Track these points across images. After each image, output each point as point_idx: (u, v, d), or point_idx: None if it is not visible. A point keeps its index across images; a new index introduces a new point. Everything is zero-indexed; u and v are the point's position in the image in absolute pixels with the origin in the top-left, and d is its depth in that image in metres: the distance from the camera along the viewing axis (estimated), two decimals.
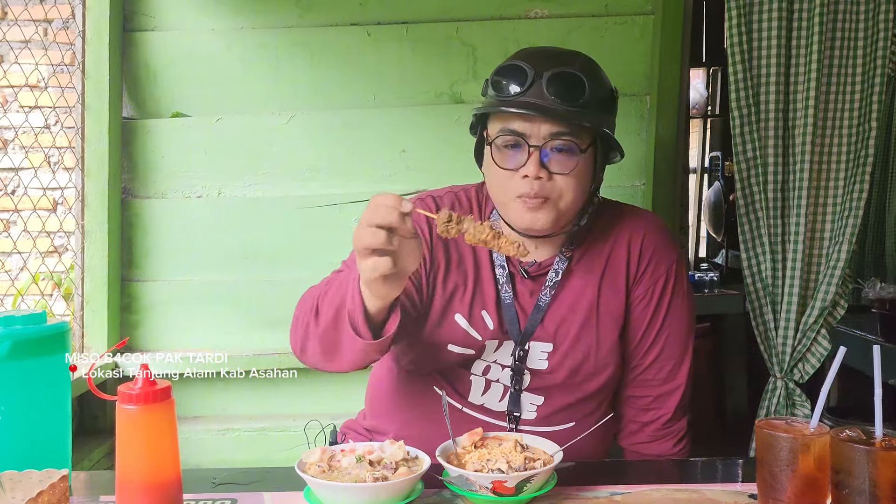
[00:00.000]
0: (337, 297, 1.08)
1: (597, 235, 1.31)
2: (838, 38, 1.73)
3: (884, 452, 0.88)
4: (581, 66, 1.20)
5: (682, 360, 1.32)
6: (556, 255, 1.29)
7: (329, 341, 1.11)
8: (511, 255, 1.02)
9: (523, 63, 1.19)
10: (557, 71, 1.17)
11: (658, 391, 1.32)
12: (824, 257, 1.78)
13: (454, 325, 1.27)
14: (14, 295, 2.30)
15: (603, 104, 1.22)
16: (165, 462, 0.95)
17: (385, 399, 1.38)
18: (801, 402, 1.81)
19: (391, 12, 1.99)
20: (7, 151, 2.75)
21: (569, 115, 1.16)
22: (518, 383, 1.28)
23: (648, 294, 1.30)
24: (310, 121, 2.00)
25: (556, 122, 1.16)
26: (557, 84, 1.16)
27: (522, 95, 1.17)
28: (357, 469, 1.01)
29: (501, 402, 1.29)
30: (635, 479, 1.15)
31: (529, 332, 1.27)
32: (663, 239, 1.32)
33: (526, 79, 1.17)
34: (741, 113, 1.75)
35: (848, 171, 1.75)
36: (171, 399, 0.97)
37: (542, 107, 1.16)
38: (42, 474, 0.97)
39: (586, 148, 1.19)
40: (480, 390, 1.29)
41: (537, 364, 1.27)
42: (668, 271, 1.30)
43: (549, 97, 1.16)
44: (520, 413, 1.28)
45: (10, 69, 1.98)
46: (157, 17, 1.99)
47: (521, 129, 1.18)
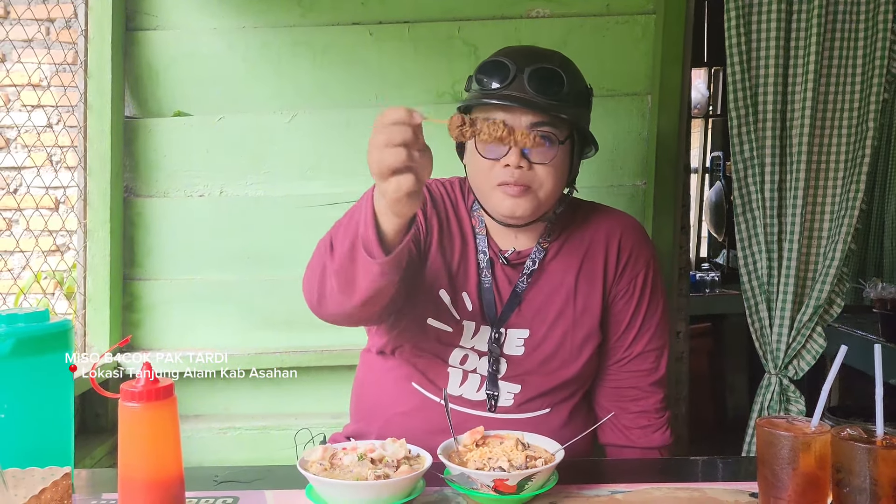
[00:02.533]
0: (350, 228, 1.09)
1: (574, 230, 1.38)
2: (837, 39, 1.75)
3: (885, 451, 0.89)
4: (559, 63, 1.29)
5: (663, 351, 1.40)
6: (533, 246, 1.36)
7: (346, 273, 1.10)
8: (528, 146, 1.07)
9: (505, 59, 1.26)
10: (537, 66, 1.25)
11: (645, 381, 1.39)
12: (820, 256, 1.80)
13: (438, 300, 1.33)
14: (16, 293, 2.30)
15: (579, 99, 1.30)
16: (168, 460, 0.96)
17: (366, 400, 1.43)
18: (796, 399, 1.84)
19: (393, 11, 1.99)
20: (10, 150, 2.76)
21: (548, 107, 1.24)
22: (495, 369, 1.32)
23: (630, 288, 1.37)
24: (312, 120, 2.00)
25: (536, 113, 1.23)
26: (537, 78, 1.24)
27: (505, 89, 1.24)
28: (359, 467, 1.02)
29: (479, 392, 1.33)
30: (636, 478, 1.16)
31: (505, 317, 1.33)
32: (640, 236, 1.41)
33: (508, 74, 1.24)
34: (739, 113, 1.77)
35: (845, 172, 1.77)
36: (173, 397, 0.97)
37: (523, 99, 1.23)
38: (44, 472, 0.98)
39: (564, 139, 1.27)
40: (458, 381, 1.33)
41: (514, 350, 1.33)
42: (647, 266, 1.39)
43: (529, 91, 1.23)
44: (498, 396, 1.32)
45: (12, 68, 1.99)
46: (159, 17, 1.99)
47: (503, 120, 1.21)
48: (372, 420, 1.39)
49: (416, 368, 1.35)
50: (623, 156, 2.00)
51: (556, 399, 1.35)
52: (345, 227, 1.11)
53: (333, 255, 1.12)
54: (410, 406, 1.34)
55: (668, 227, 1.99)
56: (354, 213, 1.11)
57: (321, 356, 1.97)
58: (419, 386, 1.34)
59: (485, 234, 1.36)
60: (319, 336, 2.00)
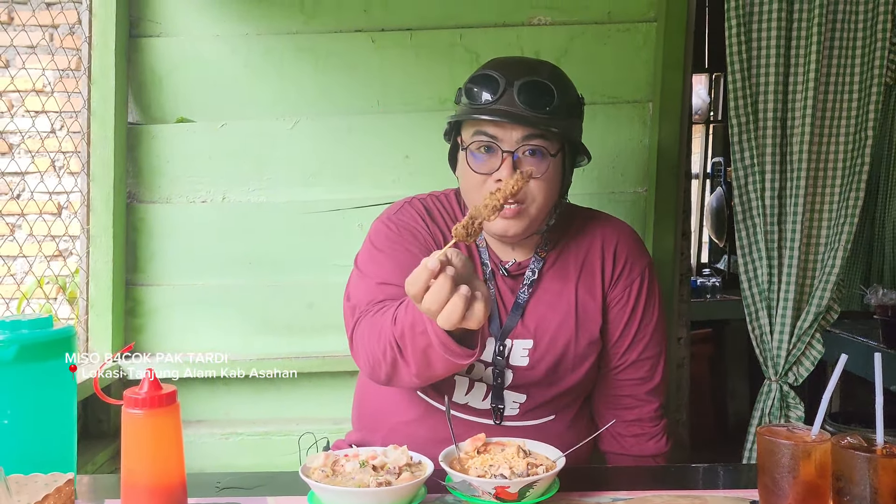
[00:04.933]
0: (416, 337, 1.04)
1: (571, 239, 1.38)
2: (836, 48, 1.75)
3: (885, 460, 0.89)
4: (549, 75, 1.27)
5: (660, 360, 1.39)
6: (531, 256, 1.35)
7: (426, 374, 1.10)
8: (519, 186, 1.03)
9: (495, 73, 1.25)
10: (527, 80, 1.23)
11: (641, 389, 1.38)
12: (819, 263, 1.80)
13: None
14: (19, 298, 2.30)
15: (570, 110, 1.29)
16: (170, 466, 0.96)
17: (371, 409, 1.42)
18: (796, 405, 1.84)
19: (395, 19, 2.00)
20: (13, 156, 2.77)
21: (538, 121, 1.22)
22: (500, 380, 1.32)
23: (625, 295, 1.36)
24: (314, 126, 2.01)
25: (526, 127, 1.22)
26: (527, 92, 1.22)
27: (495, 103, 1.23)
28: (360, 474, 1.02)
29: (485, 401, 1.32)
30: (637, 485, 1.16)
31: (509, 328, 1.32)
32: (635, 244, 1.41)
33: (498, 87, 1.23)
34: (740, 121, 1.78)
35: (844, 179, 1.77)
36: (176, 403, 0.97)
37: (513, 114, 1.21)
38: (47, 478, 0.98)
39: (556, 152, 1.26)
40: (464, 390, 1.33)
41: (519, 361, 1.32)
42: (643, 274, 1.38)
43: (519, 105, 1.22)
44: (503, 409, 1.32)
45: (16, 74, 1.99)
46: (162, 23, 2.00)
47: (493, 135, 1.23)
48: (375, 429, 1.38)
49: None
50: (624, 162, 2.00)
51: (560, 406, 1.36)
52: (409, 335, 1.05)
53: (407, 361, 1.08)
54: (415, 415, 1.34)
55: (669, 233, 2.00)
56: (416, 319, 1.03)
57: (323, 361, 1.98)
58: (424, 395, 1.34)
59: (485, 246, 1.36)
60: (321, 341, 2.00)
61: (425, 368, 1.08)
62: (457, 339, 1.00)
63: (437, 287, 0.91)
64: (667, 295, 1.96)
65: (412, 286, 0.93)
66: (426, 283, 0.92)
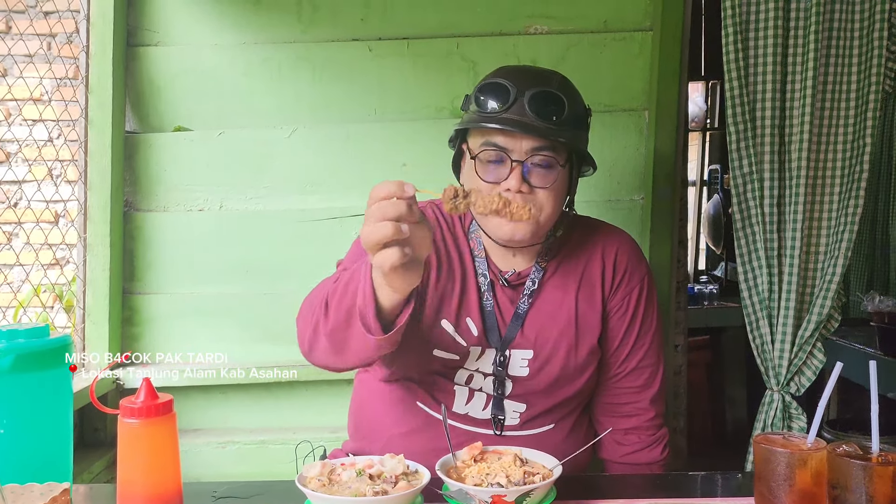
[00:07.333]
0: (347, 295, 1.07)
1: (571, 248, 1.38)
2: (833, 56, 1.75)
3: (880, 468, 0.89)
4: (559, 85, 1.27)
5: (658, 368, 1.40)
6: (532, 266, 1.35)
7: (339, 338, 1.11)
8: (524, 219, 1.05)
9: (505, 81, 1.24)
10: (539, 90, 1.23)
11: (640, 397, 1.38)
12: (819, 271, 1.80)
13: (441, 331, 1.31)
14: (16, 307, 2.30)
15: (578, 121, 1.29)
16: (167, 476, 0.96)
17: (369, 420, 1.41)
18: (798, 415, 1.83)
19: (392, 28, 2.00)
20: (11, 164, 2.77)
21: (549, 131, 1.22)
22: (500, 390, 1.31)
23: (624, 304, 1.37)
24: (312, 135, 2.02)
25: (536, 138, 1.21)
26: (538, 102, 1.22)
27: (505, 112, 1.22)
28: (357, 483, 1.02)
29: (485, 411, 1.32)
30: (635, 493, 1.16)
31: (509, 338, 1.32)
32: (635, 253, 1.41)
33: (509, 96, 1.22)
34: (737, 129, 1.78)
35: (843, 187, 1.77)
36: (172, 413, 0.97)
37: (523, 123, 1.21)
38: (43, 488, 0.98)
39: (564, 163, 1.26)
40: (464, 400, 1.33)
41: (518, 371, 1.32)
42: (642, 282, 1.38)
43: (530, 114, 1.21)
44: (504, 419, 1.32)
45: (14, 83, 2.00)
46: (160, 33, 2.01)
47: (503, 144, 1.23)
48: (374, 439, 1.37)
49: (420, 388, 1.34)
50: (621, 170, 2.01)
51: (559, 415, 1.35)
52: (341, 292, 1.09)
53: (328, 318, 1.11)
54: (414, 425, 1.33)
55: (666, 240, 2.00)
56: (352, 279, 1.08)
57: (320, 370, 1.97)
58: (424, 405, 1.33)
59: (484, 257, 1.35)
60: None
61: (340, 334, 1.08)
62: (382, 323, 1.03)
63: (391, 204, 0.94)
64: (664, 302, 1.96)
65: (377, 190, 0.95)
66: (388, 193, 0.94)
